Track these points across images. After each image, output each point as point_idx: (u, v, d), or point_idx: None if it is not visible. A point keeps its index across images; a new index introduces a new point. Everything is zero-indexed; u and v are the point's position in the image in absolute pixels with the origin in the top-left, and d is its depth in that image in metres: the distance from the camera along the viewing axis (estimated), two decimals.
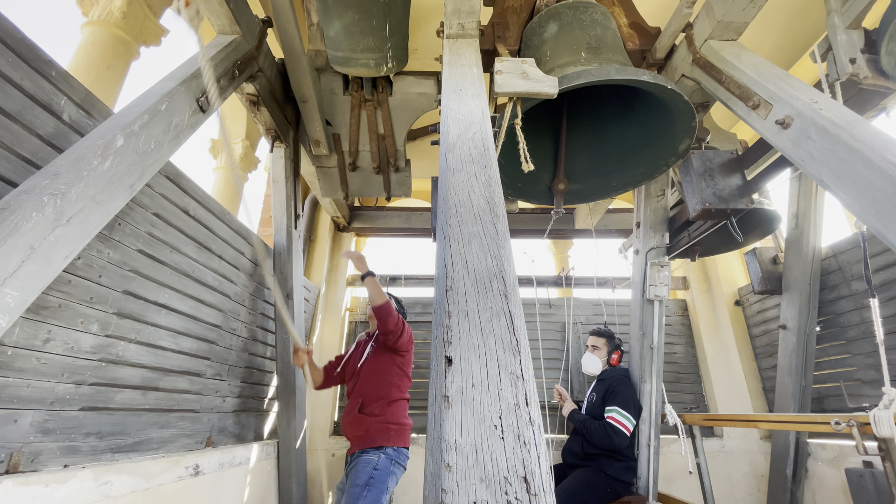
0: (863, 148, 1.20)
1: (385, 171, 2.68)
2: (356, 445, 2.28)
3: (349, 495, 2.07)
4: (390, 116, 2.57)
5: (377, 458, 2.18)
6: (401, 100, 2.55)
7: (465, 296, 0.77)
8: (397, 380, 2.40)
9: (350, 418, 2.32)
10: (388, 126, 2.57)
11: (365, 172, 2.70)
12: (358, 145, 2.62)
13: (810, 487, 2.94)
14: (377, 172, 2.68)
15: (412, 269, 4.70)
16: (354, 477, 2.13)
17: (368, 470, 2.13)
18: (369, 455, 2.19)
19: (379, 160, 2.64)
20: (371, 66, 2.28)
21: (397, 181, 2.69)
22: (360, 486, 2.08)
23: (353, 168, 2.66)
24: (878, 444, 1.62)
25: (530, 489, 0.53)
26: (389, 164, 2.66)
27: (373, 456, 2.19)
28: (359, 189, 2.69)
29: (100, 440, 1.63)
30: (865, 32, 1.78)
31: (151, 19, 2.71)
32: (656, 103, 1.96)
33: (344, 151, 2.62)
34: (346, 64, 2.30)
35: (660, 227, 2.73)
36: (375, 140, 2.61)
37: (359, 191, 2.69)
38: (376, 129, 2.59)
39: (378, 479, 2.12)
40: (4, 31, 1.30)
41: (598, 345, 2.94)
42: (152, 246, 1.89)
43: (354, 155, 2.62)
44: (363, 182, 2.69)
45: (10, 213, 1.04)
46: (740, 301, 3.93)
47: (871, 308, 1.96)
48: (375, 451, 2.21)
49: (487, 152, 1.13)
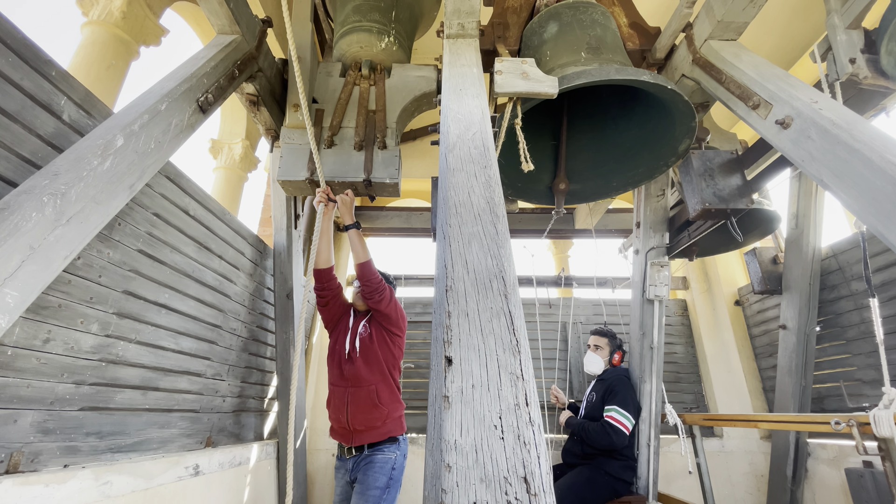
0: (863, 148, 1.20)
1: (369, 148, 2.13)
2: (367, 438, 2.12)
3: (367, 498, 1.99)
4: (385, 94, 2.27)
5: (394, 457, 2.11)
6: (399, 81, 2.32)
7: (465, 296, 0.77)
8: (399, 361, 2.33)
9: (363, 407, 2.14)
10: (382, 102, 2.23)
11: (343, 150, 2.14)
12: (343, 120, 2.20)
13: (810, 487, 2.94)
14: (358, 149, 2.13)
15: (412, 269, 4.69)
16: (372, 479, 2.03)
17: (387, 470, 2.07)
18: (385, 453, 2.11)
19: (364, 135, 2.15)
20: (374, 31, 2.30)
21: (383, 161, 2.10)
22: (381, 488, 2.01)
23: (331, 144, 2.15)
24: (878, 444, 1.62)
25: (530, 489, 0.53)
26: (375, 140, 2.14)
27: (389, 454, 2.11)
28: (329, 169, 2.08)
29: (100, 440, 1.63)
30: (865, 32, 1.78)
31: (151, 19, 2.71)
32: (656, 103, 1.96)
33: (324, 127, 2.18)
34: (349, 33, 2.32)
35: (660, 227, 2.73)
36: (364, 115, 2.20)
37: (329, 172, 2.08)
38: (367, 105, 2.24)
39: (396, 480, 2.09)
40: (4, 31, 1.30)
41: (600, 344, 2.94)
42: (152, 246, 1.89)
43: (335, 129, 2.16)
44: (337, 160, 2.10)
45: (10, 213, 1.04)
46: (740, 301, 3.93)
47: (871, 308, 1.96)
48: (390, 447, 2.13)
49: (487, 152, 1.13)
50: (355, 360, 2.23)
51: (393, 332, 2.29)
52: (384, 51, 2.36)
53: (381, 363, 2.22)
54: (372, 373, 2.20)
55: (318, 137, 2.15)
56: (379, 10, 2.33)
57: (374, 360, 2.22)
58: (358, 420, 2.13)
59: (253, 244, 2.77)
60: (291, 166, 2.11)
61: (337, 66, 2.40)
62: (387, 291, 2.24)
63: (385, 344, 2.27)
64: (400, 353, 2.35)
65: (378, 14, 2.32)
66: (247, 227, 2.69)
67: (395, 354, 2.31)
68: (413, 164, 4.67)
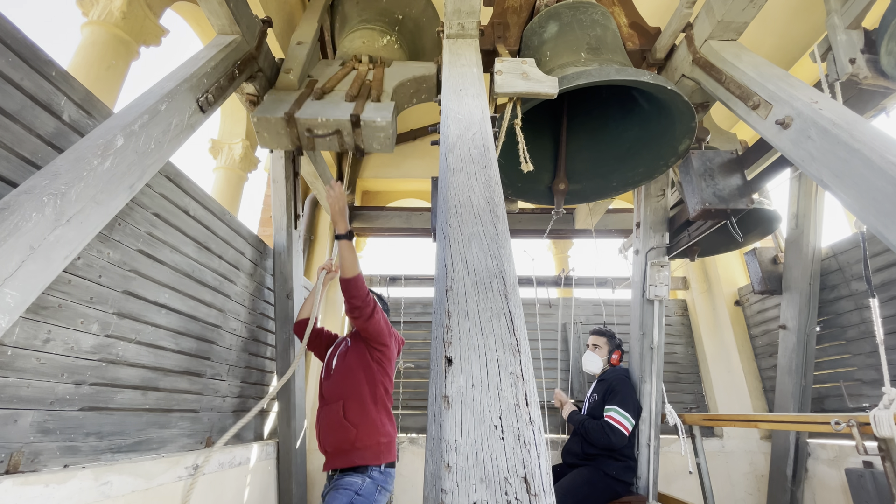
0: (863, 148, 1.20)
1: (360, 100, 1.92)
2: (336, 461, 1.91)
3: None
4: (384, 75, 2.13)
5: (361, 482, 1.84)
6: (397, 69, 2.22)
7: (465, 296, 0.77)
8: (380, 376, 2.05)
9: (329, 424, 1.95)
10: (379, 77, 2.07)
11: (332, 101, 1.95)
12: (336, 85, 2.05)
13: (810, 487, 2.94)
14: (350, 101, 1.94)
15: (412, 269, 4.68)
16: (332, 500, 1.80)
17: (350, 494, 1.81)
18: (352, 477, 1.86)
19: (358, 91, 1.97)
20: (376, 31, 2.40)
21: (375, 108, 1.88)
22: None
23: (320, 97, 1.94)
24: (878, 444, 1.62)
25: (530, 489, 0.53)
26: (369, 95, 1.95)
27: (356, 478, 1.85)
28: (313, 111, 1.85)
29: (100, 440, 1.63)
30: (865, 32, 1.78)
31: (151, 19, 2.71)
32: (656, 103, 1.96)
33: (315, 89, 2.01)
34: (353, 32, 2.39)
35: (660, 227, 2.73)
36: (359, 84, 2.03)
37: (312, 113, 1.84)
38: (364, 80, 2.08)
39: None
40: (4, 31, 1.30)
41: (598, 343, 2.94)
42: (152, 246, 1.89)
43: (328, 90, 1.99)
44: (325, 106, 1.90)
45: (10, 213, 1.04)
46: (740, 301, 3.93)
47: (871, 308, 1.96)
48: (359, 474, 1.86)
49: (487, 152, 1.13)
50: (332, 375, 2.10)
51: (374, 346, 2.08)
52: (385, 47, 2.37)
53: (355, 377, 2.02)
54: (341, 387, 2.01)
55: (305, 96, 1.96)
56: (384, 22, 2.48)
57: (346, 375, 2.04)
58: (328, 441, 1.95)
59: (253, 244, 2.77)
60: (271, 105, 1.88)
61: (337, 61, 2.40)
62: (369, 307, 2.03)
63: (363, 358, 2.07)
64: (383, 369, 2.08)
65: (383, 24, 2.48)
66: (247, 227, 2.69)
67: (375, 370, 2.05)
68: (413, 164, 4.67)
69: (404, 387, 3.68)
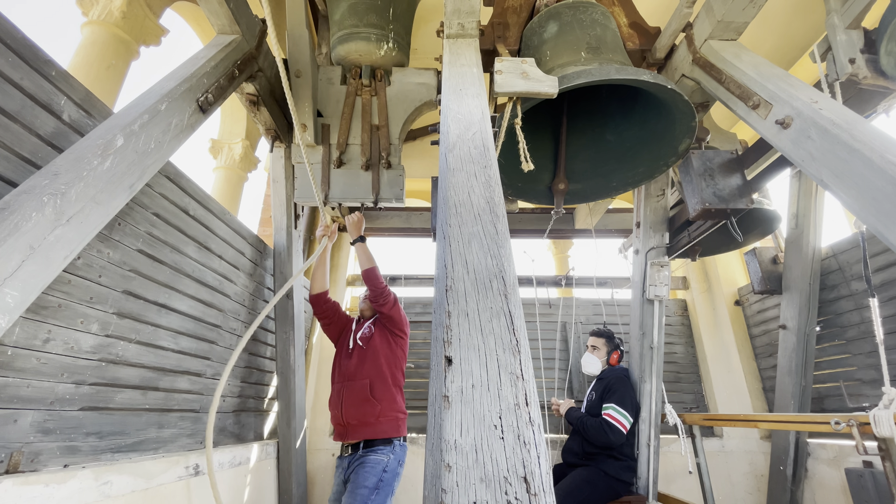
0: (863, 148, 1.20)
1: (375, 168, 2.33)
2: (361, 433, 2.15)
3: (356, 496, 1.99)
4: (387, 106, 2.39)
5: (387, 459, 2.10)
6: (399, 90, 2.42)
7: (465, 296, 0.77)
8: (401, 361, 2.37)
9: (355, 399, 2.19)
10: (384, 116, 2.37)
11: (352, 170, 2.35)
12: (348, 136, 2.36)
13: (810, 487, 2.94)
14: (366, 169, 2.33)
15: (412, 269, 4.68)
16: (362, 478, 2.04)
17: (378, 472, 2.06)
18: (377, 455, 2.11)
19: (370, 153, 2.33)
20: (372, 39, 2.33)
21: (388, 181, 2.32)
22: (370, 488, 2.01)
23: (339, 164, 2.33)
24: (878, 444, 1.62)
25: (530, 489, 0.53)
26: (381, 160, 2.33)
27: (382, 456, 2.10)
28: (341, 191, 2.28)
29: (100, 440, 1.63)
30: (865, 32, 1.78)
31: (151, 19, 2.71)
32: (656, 103, 1.96)
33: (332, 144, 2.34)
34: (347, 40, 2.33)
35: (660, 227, 2.73)
36: (368, 130, 2.37)
37: (341, 193, 2.28)
38: (370, 118, 2.39)
39: (387, 483, 2.06)
40: (4, 31, 1.30)
41: (597, 345, 2.94)
42: (152, 246, 1.89)
43: (343, 147, 2.33)
44: (348, 182, 2.31)
45: (10, 213, 1.04)
46: (740, 301, 3.93)
47: (871, 308, 1.96)
48: (384, 449, 2.12)
49: (487, 152, 1.13)
50: (354, 355, 2.33)
51: (396, 333, 2.39)
52: (383, 57, 2.38)
53: (380, 360, 2.28)
54: (368, 367, 2.26)
55: (327, 159, 2.34)
56: (375, 10, 2.36)
57: (371, 356, 2.29)
58: (350, 414, 2.18)
59: (253, 244, 2.77)
60: (306, 189, 2.31)
61: (337, 70, 2.42)
62: (392, 295, 2.37)
63: (387, 343, 2.35)
64: (402, 354, 2.40)
65: (375, 16, 2.37)
66: (247, 227, 2.69)
67: (397, 355, 2.37)
68: (413, 164, 4.66)
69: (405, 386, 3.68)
